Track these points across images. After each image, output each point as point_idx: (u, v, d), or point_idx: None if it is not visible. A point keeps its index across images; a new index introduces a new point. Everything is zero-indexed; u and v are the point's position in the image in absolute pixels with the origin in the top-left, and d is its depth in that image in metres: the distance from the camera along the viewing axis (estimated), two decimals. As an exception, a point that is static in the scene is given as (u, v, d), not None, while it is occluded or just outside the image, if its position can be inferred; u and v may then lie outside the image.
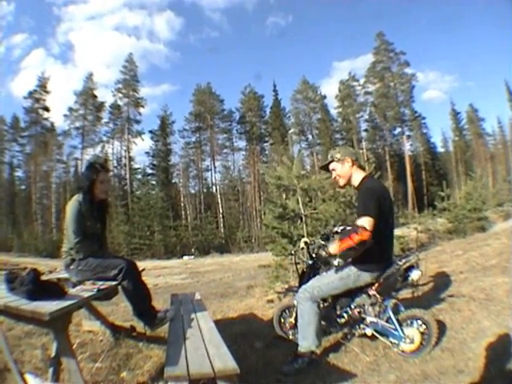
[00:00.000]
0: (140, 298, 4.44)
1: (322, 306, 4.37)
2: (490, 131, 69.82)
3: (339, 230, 4.86)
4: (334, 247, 3.96)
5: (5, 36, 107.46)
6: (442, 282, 6.81)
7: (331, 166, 4.52)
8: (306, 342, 4.21)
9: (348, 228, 4.33)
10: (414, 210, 37.68)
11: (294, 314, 4.98)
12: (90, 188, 4.48)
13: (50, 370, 3.47)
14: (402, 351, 4.17)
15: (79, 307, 3.93)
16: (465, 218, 17.88)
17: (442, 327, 4.43)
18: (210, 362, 3.02)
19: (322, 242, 4.61)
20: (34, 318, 2.98)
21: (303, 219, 7.95)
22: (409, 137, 66.47)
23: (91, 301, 4.46)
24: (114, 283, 4.22)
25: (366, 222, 3.82)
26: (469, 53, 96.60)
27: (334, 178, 4.54)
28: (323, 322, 4.46)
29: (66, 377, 3.33)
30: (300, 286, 4.74)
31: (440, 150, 73.66)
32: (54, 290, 3.45)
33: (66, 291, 3.61)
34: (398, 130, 66.33)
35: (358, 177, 4.37)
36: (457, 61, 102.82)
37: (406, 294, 5.71)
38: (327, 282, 4.27)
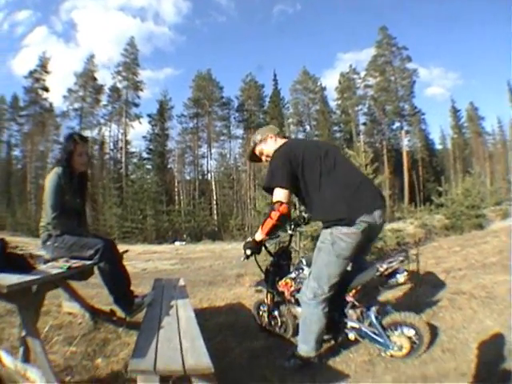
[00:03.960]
0: (117, 281, 4.26)
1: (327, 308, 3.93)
2: (490, 130, 70.28)
3: (306, 216, 4.79)
4: (258, 234, 3.90)
5: (10, 12, 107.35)
6: (440, 278, 6.60)
7: (257, 151, 4.26)
8: (306, 346, 3.90)
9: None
10: (410, 204, 37.81)
11: (267, 313, 4.82)
12: (68, 160, 4.30)
13: (21, 349, 3.27)
14: (391, 356, 3.85)
15: (47, 284, 3.67)
16: (462, 214, 17.67)
17: (434, 330, 4.18)
18: (182, 357, 2.73)
19: (248, 239, 4.12)
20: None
21: (297, 206, 7.73)
22: (407, 132, 66.52)
23: (65, 280, 4.37)
24: (88, 263, 4.03)
25: (277, 195, 3.66)
26: (474, 51, 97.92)
27: (266, 160, 4.19)
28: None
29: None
30: (266, 283, 4.61)
31: (438, 146, 74.05)
32: (19, 263, 3.29)
33: (34, 266, 3.44)
34: (397, 124, 66.57)
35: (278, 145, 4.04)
36: (461, 58, 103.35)
37: (402, 291, 5.51)
38: (320, 268, 3.84)
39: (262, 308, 5.01)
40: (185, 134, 68.44)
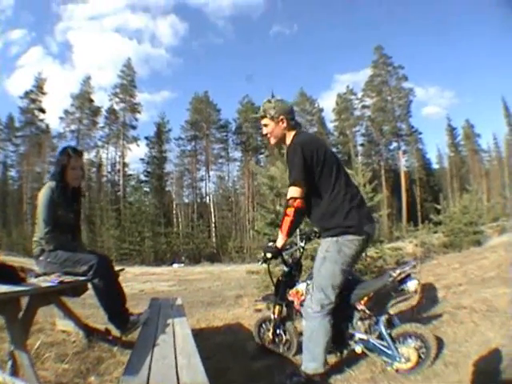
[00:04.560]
0: (111, 298, 4.18)
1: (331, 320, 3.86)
2: (486, 147, 70.64)
3: (318, 230, 4.59)
4: (279, 239, 3.89)
5: (3, 31, 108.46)
6: (441, 294, 6.59)
7: (263, 121, 4.12)
8: (314, 363, 3.76)
9: None
10: (408, 224, 37.98)
11: (272, 329, 4.74)
12: (61, 174, 4.27)
13: (9, 363, 3.21)
14: (397, 370, 3.80)
15: (38, 299, 3.61)
16: (461, 231, 17.86)
17: (440, 343, 4.12)
18: (177, 374, 2.61)
19: (270, 244, 4.17)
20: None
21: (301, 229, 7.71)
22: (405, 152, 66.93)
23: (58, 295, 4.31)
24: (81, 278, 3.97)
25: (291, 192, 3.70)
26: (468, 69, 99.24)
27: (265, 134, 4.18)
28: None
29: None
30: (276, 295, 4.60)
31: (435, 166, 74.34)
32: (8, 274, 3.21)
33: (23, 278, 3.37)
34: (394, 144, 67.12)
35: (290, 136, 4.00)
36: (456, 76, 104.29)
37: (404, 306, 5.44)
38: (327, 278, 3.78)
39: (264, 326, 4.95)
40: (183, 157, 68.87)
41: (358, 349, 3.94)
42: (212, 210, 64.12)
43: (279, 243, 3.88)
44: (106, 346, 4.69)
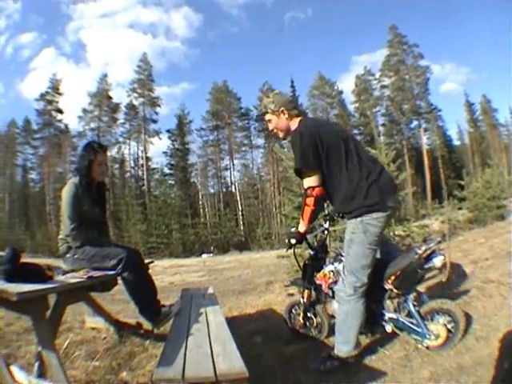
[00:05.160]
0: (142, 291, 4.15)
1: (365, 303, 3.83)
2: (503, 122, 69.65)
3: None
4: (301, 225, 3.97)
5: (12, 35, 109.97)
6: (468, 269, 6.55)
7: (266, 117, 4.14)
8: (347, 346, 3.74)
9: None
10: (433, 202, 37.69)
11: (302, 313, 4.72)
12: (87, 170, 4.23)
13: (36, 364, 3.15)
14: (427, 347, 3.78)
15: (66, 296, 3.55)
16: (484, 206, 17.97)
17: (469, 317, 4.09)
18: (213, 362, 2.55)
19: (293, 229, 4.19)
20: (8, 301, 2.58)
21: (325, 209, 7.67)
22: (426, 130, 66.45)
23: (87, 292, 4.26)
24: (111, 273, 3.93)
25: (307, 182, 3.73)
26: (481, 43, 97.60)
27: (271, 130, 4.19)
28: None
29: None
30: (303, 279, 4.63)
31: (456, 142, 73.79)
32: (34, 272, 3.17)
33: (51, 276, 3.33)
34: (415, 123, 66.66)
35: (295, 125, 3.96)
36: (471, 52, 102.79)
37: (433, 282, 5.43)
38: (356, 260, 3.72)
39: (294, 311, 4.94)
40: (206, 147, 68.85)
41: (388, 328, 3.93)
42: (238, 198, 64.22)
43: (301, 229, 3.93)
44: (137, 340, 4.67)
